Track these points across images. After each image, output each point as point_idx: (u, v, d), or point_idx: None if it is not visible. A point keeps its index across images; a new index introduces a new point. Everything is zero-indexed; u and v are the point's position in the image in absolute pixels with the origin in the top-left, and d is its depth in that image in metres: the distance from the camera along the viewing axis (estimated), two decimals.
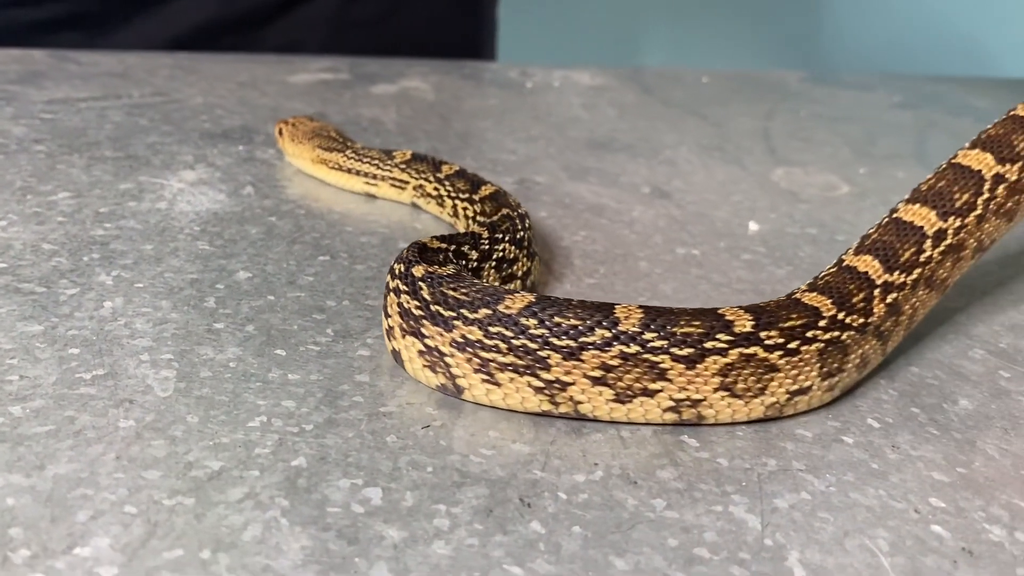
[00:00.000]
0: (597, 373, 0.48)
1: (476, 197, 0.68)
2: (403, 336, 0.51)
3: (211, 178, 0.75)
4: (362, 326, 0.56)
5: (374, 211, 0.72)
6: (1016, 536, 0.44)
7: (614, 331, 0.48)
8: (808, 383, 0.50)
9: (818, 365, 0.50)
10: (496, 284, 0.57)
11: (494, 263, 0.59)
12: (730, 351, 0.48)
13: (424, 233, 0.69)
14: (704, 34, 2.29)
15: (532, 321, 0.48)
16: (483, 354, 0.49)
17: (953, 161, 0.61)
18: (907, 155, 0.94)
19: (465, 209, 0.68)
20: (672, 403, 0.49)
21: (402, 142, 0.86)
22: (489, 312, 0.49)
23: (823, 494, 0.46)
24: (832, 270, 0.55)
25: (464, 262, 0.57)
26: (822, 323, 0.50)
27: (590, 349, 0.48)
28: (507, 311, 0.48)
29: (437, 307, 0.50)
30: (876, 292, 0.53)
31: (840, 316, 0.51)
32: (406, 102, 0.97)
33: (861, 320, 0.52)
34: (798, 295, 0.53)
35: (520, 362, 0.48)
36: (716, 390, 0.49)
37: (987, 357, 0.59)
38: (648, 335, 0.48)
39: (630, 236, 0.71)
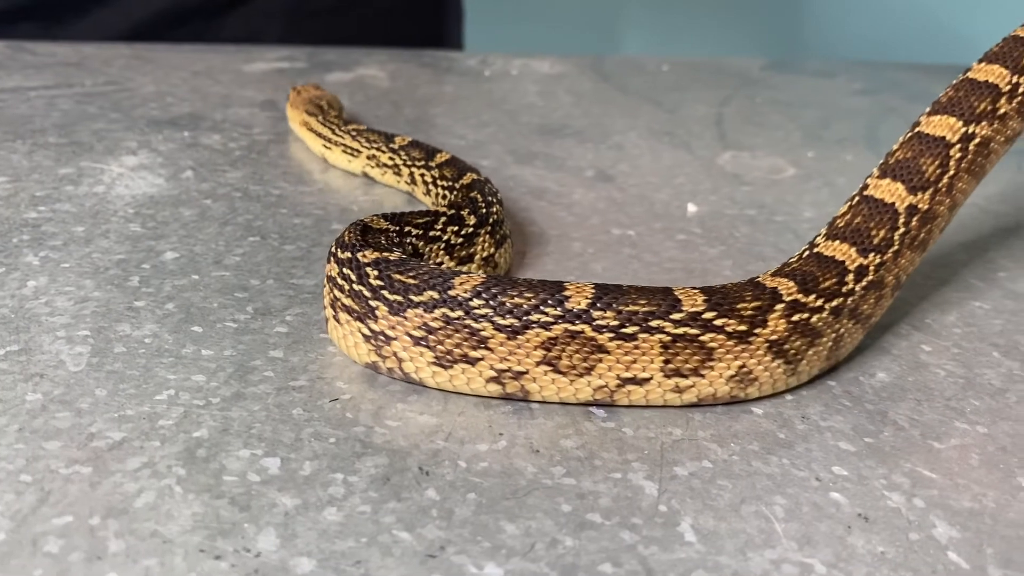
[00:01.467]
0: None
1: (432, 164, 0.70)
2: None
3: (152, 163, 0.75)
4: (283, 304, 0.56)
5: (312, 193, 0.72)
6: (914, 503, 0.44)
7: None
8: (647, 374, 0.48)
9: (661, 359, 0.48)
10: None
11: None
12: (554, 326, 0.47)
13: (361, 215, 0.69)
14: (682, 23, 2.29)
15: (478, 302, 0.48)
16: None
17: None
18: (858, 139, 0.94)
19: (423, 176, 0.70)
20: (493, 373, 0.48)
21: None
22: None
23: (725, 462, 0.46)
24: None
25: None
26: (676, 316, 0.48)
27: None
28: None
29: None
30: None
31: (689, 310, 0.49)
32: (359, 89, 0.97)
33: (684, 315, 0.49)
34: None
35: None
36: (538, 364, 0.48)
37: (911, 331, 0.59)
38: (476, 301, 0.48)
39: (568, 218, 0.72)
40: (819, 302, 0.51)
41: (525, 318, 0.47)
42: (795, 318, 0.50)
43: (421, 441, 0.45)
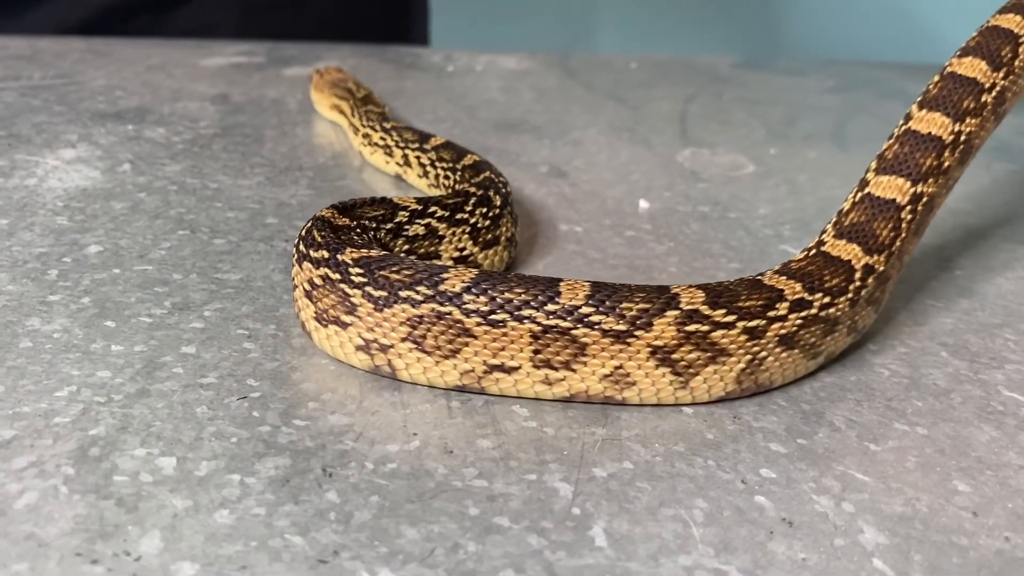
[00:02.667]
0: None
1: (428, 146, 0.70)
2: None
3: (90, 156, 0.73)
4: (203, 299, 0.54)
5: (250, 187, 0.70)
6: (843, 507, 0.42)
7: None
8: (515, 363, 0.46)
9: (531, 348, 0.46)
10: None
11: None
12: (422, 304, 0.46)
13: (298, 209, 0.67)
14: (661, 22, 2.27)
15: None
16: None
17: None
18: (824, 136, 0.92)
19: (418, 157, 0.70)
20: (361, 341, 0.48)
21: (300, 121, 0.84)
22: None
23: (647, 464, 0.44)
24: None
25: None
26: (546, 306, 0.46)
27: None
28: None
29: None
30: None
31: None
32: None
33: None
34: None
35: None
36: (403, 340, 0.47)
37: None
38: (355, 269, 0.48)
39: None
40: (728, 318, 0.47)
41: (397, 294, 0.47)
42: (690, 328, 0.47)
43: (329, 441, 0.43)
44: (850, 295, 0.51)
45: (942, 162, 0.56)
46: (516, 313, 0.46)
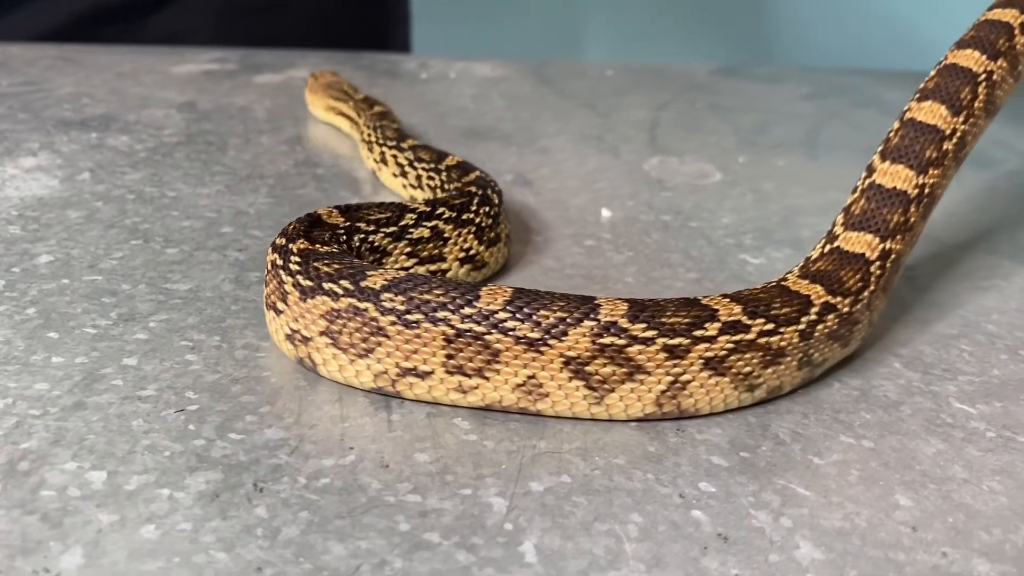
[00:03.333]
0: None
1: (405, 146, 0.71)
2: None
3: (50, 164, 0.73)
4: (150, 309, 0.54)
5: (209, 196, 0.69)
6: (781, 522, 0.42)
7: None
8: (428, 367, 0.46)
9: (444, 353, 0.46)
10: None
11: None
12: (341, 299, 0.47)
13: (255, 218, 0.67)
14: (649, 29, 2.27)
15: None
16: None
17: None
18: (795, 144, 0.92)
19: (395, 156, 0.71)
20: (289, 330, 0.49)
21: (266, 128, 0.84)
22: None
23: (585, 477, 0.43)
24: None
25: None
26: (463, 310, 0.46)
27: None
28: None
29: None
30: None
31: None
32: (286, 91, 0.95)
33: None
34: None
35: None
36: (320, 334, 0.47)
37: None
38: (295, 259, 0.49)
39: None
40: (648, 333, 0.46)
41: (321, 286, 0.47)
42: (606, 340, 0.45)
43: (263, 456, 0.43)
44: (801, 327, 0.49)
45: (908, 218, 0.55)
46: (431, 315, 0.45)
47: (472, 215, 0.59)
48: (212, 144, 0.79)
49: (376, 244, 0.55)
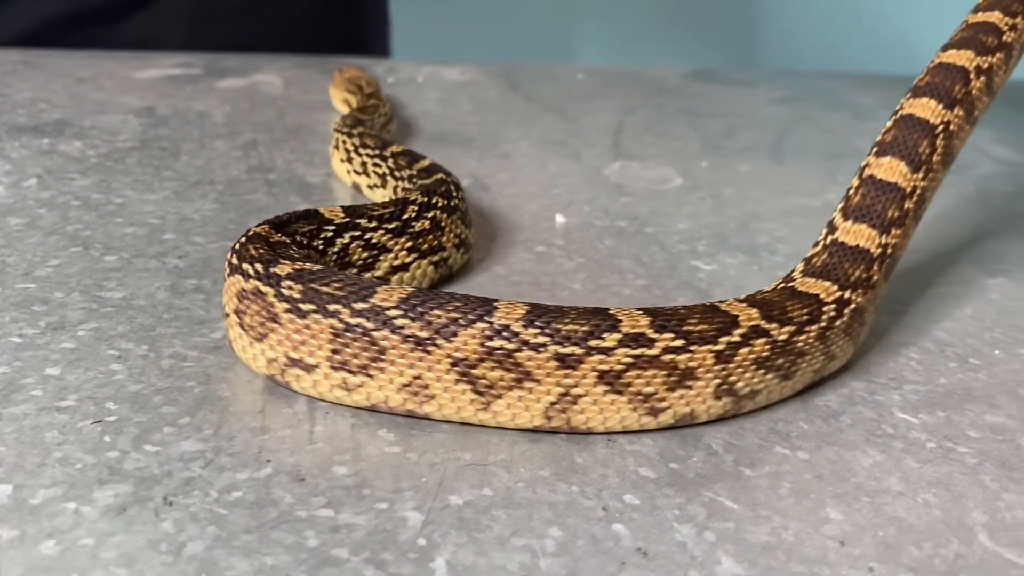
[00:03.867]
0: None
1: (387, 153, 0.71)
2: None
3: None
4: (80, 318, 0.53)
5: (155, 202, 0.68)
6: (704, 536, 0.41)
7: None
8: (313, 360, 0.45)
9: (330, 347, 0.45)
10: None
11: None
12: (251, 280, 0.48)
13: (199, 224, 0.66)
14: (642, 32, 2.27)
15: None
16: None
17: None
18: (761, 148, 0.91)
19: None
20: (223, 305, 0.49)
21: (223, 133, 0.83)
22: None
23: (508, 490, 0.42)
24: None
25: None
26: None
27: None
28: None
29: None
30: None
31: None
32: (247, 96, 0.94)
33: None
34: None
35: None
36: (233, 311, 0.48)
37: None
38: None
39: None
40: (540, 339, 0.44)
41: (239, 267, 0.48)
42: (495, 343, 0.44)
43: (177, 468, 0.42)
44: (720, 347, 0.46)
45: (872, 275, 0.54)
46: (324, 307, 0.45)
47: (457, 201, 0.62)
48: (165, 150, 0.78)
49: (375, 241, 0.56)
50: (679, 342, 0.45)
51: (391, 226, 0.57)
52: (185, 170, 0.74)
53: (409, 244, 0.58)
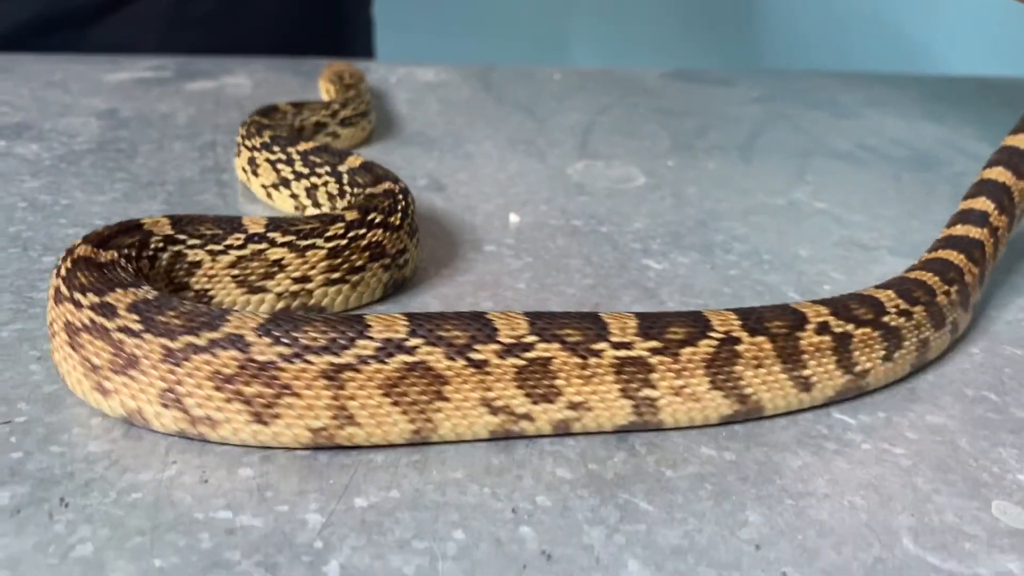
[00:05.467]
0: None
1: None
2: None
3: None
4: (7, 318, 0.52)
5: (103, 203, 0.67)
6: (613, 539, 0.39)
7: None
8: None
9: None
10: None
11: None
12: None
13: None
14: (637, 34, 2.26)
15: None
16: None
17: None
18: (731, 147, 0.90)
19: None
20: None
21: (184, 135, 0.82)
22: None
23: (416, 492, 0.41)
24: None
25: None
26: None
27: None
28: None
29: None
30: None
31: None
32: (214, 98, 0.93)
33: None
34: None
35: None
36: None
37: None
38: None
39: None
40: (278, 349, 0.42)
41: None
42: (242, 356, 0.42)
43: (79, 469, 0.41)
44: (475, 362, 0.44)
45: None
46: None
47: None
48: (122, 151, 0.77)
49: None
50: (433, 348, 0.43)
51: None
52: (139, 171, 0.74)
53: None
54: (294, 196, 0.67)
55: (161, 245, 0.53)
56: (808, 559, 0.39)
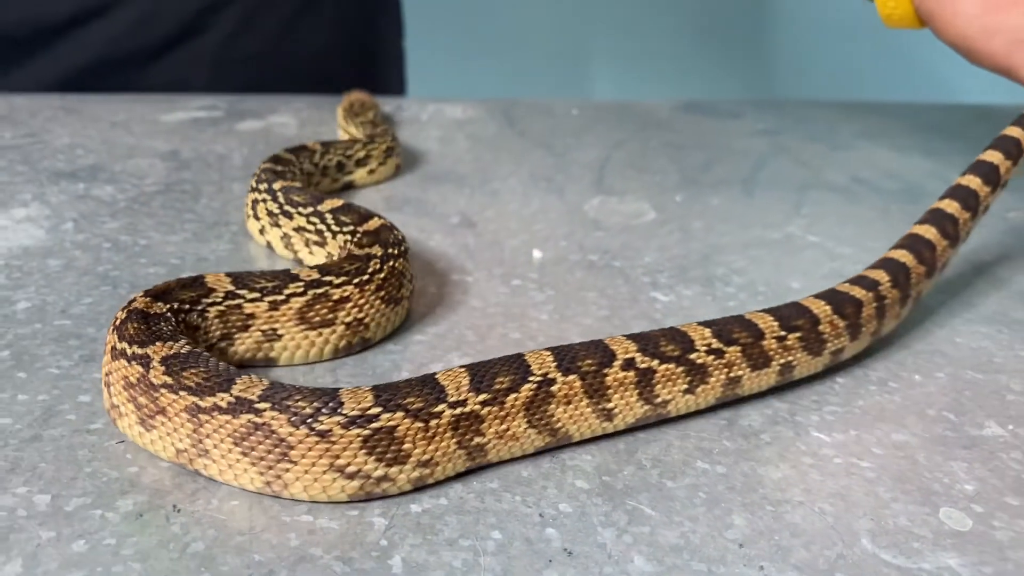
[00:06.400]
0: None
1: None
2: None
3: (39, 215, 0.81)
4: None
5: (176, 243, 0.77)
6: (623, 538, 0.48)
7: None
8: None
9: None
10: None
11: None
12: None
13: (214, 264, 0.74)
14: (661, 65, 2.34)
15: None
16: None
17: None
18: (735, 181, 0.98)
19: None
20: None
21: (239, 176, 0.92)
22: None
23: (461, 499, 0.50)
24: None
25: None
26: None
27: None
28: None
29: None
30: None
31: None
32: (264, 137, 1.03)
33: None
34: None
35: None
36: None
37: None
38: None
39: (414, 265, 0.76)
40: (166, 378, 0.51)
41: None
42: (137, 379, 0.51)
43: (185, 482, 0.50)
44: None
45: None
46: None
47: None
48: (187, 192, 0.87)
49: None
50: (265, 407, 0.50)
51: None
52: (204, 212, 0.83)
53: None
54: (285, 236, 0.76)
55: (220, 299, 0.60)
56: (782, 556, 0.48)
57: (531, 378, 0.54)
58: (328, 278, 0.63)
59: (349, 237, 0.71)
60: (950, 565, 0.48)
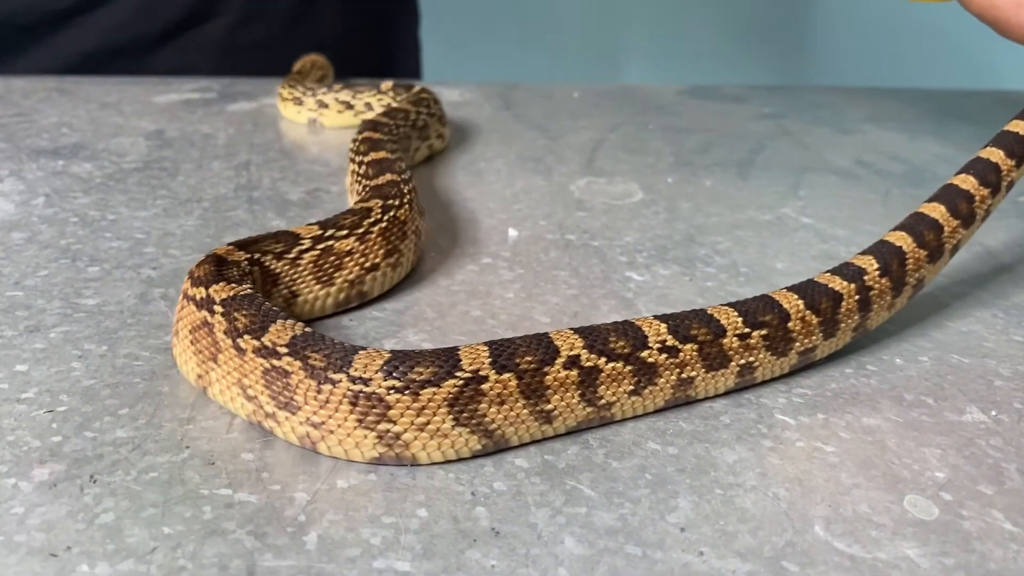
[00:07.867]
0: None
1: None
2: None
3: (12, 191, 0.80)
4: (55, 322, 0.60)
5: (145, 219, 0.76)
6: (556, 519, 0.45)
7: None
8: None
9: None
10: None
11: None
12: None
13: (179, 239, 0.72)
14: (688, 50, 2.30)
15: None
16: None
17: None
18: (731, 164, 0.95)
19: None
20: None
21: (221, 155, 0.90)
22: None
23: (391, 476, 0.48)
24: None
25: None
26: None
27: None
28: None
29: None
30: None
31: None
32: (252, 118, 1.02)
33: None
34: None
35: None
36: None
37: None
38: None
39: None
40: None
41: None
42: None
43: (108, 452, 0.49)
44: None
45: None
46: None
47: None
48: (165, 170, 0.85)
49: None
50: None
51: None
52: (179, 189, 0.82)
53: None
54: None
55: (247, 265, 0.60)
56: (726, 541, 0.45)
57: (458, 373, 0.49)
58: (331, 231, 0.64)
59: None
60: (908, 555, 0.44)
